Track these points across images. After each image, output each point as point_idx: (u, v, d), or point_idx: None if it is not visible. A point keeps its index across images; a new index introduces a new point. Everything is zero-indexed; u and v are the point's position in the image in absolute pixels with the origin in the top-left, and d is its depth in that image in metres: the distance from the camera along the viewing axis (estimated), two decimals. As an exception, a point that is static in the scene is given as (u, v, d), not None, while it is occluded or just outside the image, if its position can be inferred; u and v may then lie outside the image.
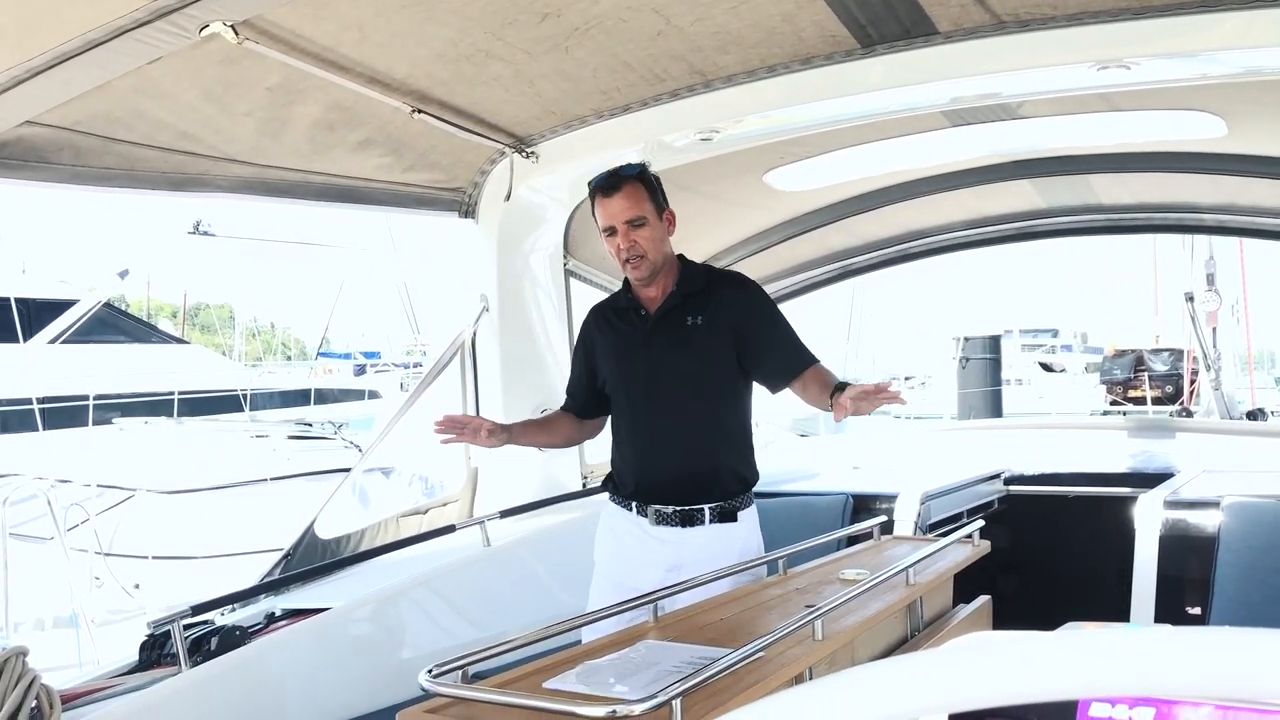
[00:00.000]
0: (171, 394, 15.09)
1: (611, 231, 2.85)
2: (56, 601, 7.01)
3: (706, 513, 2.88)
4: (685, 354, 2.88)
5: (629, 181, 2.84)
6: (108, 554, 8.01)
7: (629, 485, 2.95)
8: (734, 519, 2.92)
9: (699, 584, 2.57)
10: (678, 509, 2.87)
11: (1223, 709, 0.91)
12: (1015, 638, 0.54)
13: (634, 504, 2.92)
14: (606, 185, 2.84)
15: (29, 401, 11.09)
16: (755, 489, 4.69)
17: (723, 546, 2.86)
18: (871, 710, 0.57)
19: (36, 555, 7.09)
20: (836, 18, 2.82)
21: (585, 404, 3.13)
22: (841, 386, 2.75)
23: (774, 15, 2.81)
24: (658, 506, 2.88)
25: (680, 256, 3.00)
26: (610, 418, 3.10)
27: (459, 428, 2.88)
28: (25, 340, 13.10)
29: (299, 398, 18.71)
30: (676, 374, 2.89)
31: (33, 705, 2.17)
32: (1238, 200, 4.72)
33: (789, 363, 2.92)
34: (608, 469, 3.06)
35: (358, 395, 20.50)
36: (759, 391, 3.05)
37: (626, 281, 3.01)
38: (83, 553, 7.63)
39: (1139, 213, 5.10)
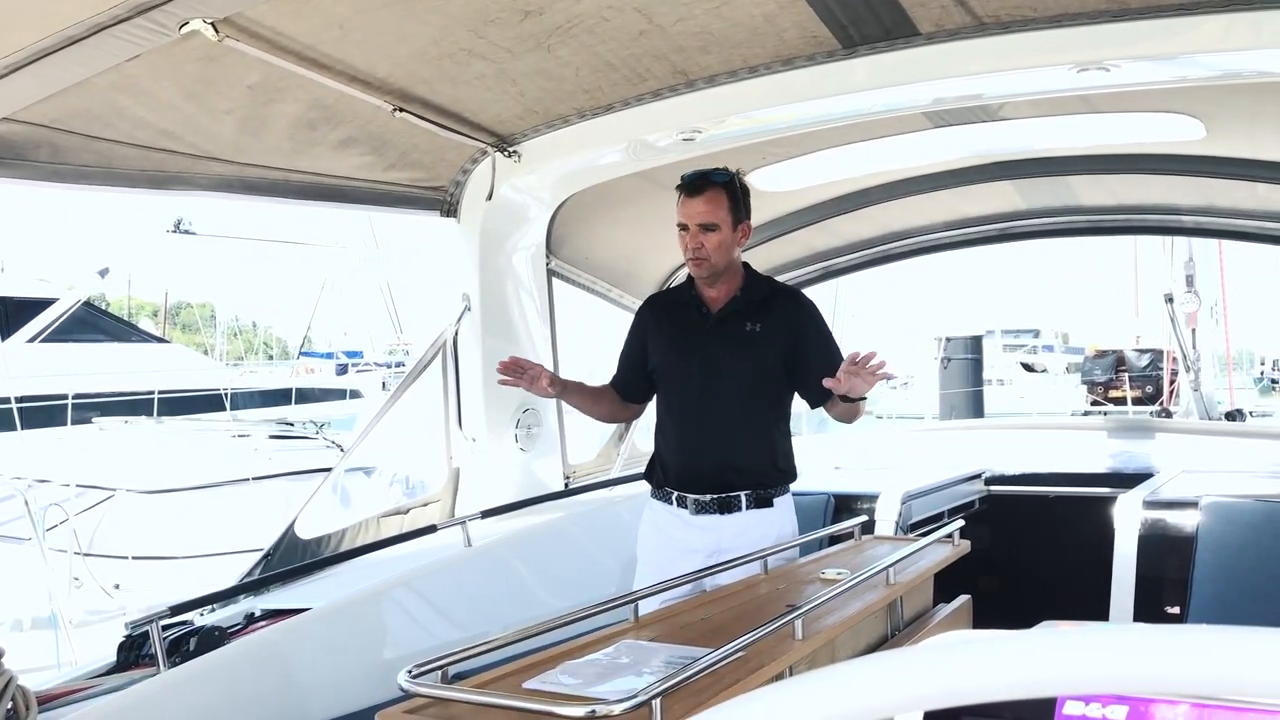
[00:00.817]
0: (151, 393, 15.00)
1: (684, 228, 3.01)
2: (34, 602, 6.96)
3: (743, 499, 3.02)
4: (741, 356, 3.03)
5: (714, 187, 2.99)
6: (87, 554, 7.97)
7: (670, 472, 3.10)
8: (770, 505, 3.05)
9: (734, 564, 2.77)
10: (715, 497, 3.02)
11: (1198, 707, 0.92)
12: (990, 635, 0.54)
13: (674, 495, 3.07)
14: (692, 186, 3.00)
15: (6, 401, 11.00)
16: None
17: (760, 531, 3.00)
18: (848, 707, 0.57)
19: (14, 556, 7.04)
20: (818, 18, 2.83)
21: (630, 386, 3.27)
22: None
23: (756, 15, 2.81)
24: (696, 496, 3.03)
25: (746, 265, 3.16)
26: (657, 406, 3.23)
27: (519, 371, 3.02)
28: (4, 339, 13.00)
29: (280, 397, 18.62)
30: (730, 372, 3.04)
31: (9, 706, 2.15)
32: (1216, 202, 4.76)
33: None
34: (590, 469, 3.09)
35: (339, 395, 20.43)
36: None
37: (691, 278, 3.16)
38: (62, 553, 7.58)
39: (1119, 214, 5.13)
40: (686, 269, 3.13)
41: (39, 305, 15.30)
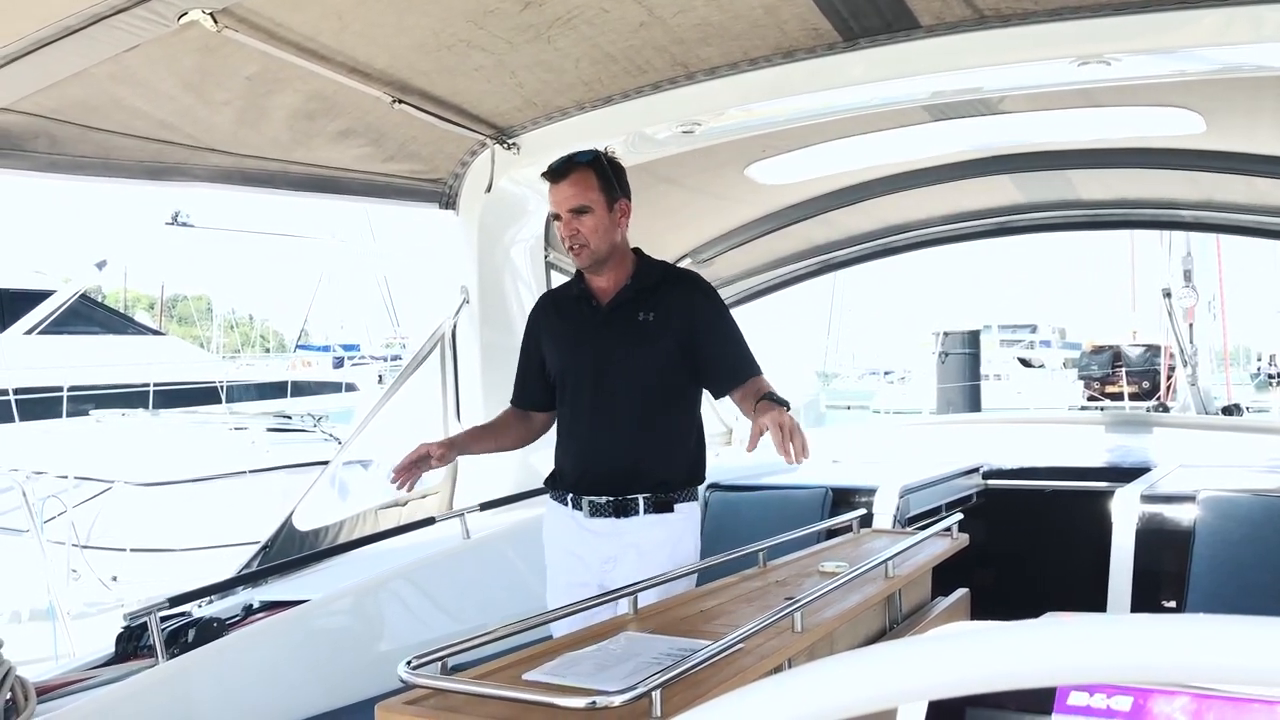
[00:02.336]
0: (146, 386, 14.98)
1: (558, 217, 2.84)
2: (33, 593, 6.96)
3: (641, 502, 2.82)
4: (634, 348, 2.84)
5: (579, 169, 2.81)
6: (85, 546, 7.96)
7: (568, 477, 2.92)
8: (669, 510, 2.84)
9: (661, 581, 2.54)
10: (611, 499, 2.83)
11: (1199, 698, 0.92)
12: (995, 626, 0.54)
13: (569, 497, 2.90)
14: (555, 171, 2.82)
15: (4, 393, 10.98)
16: (735, 481, 4.70)
17: (658, 537, 2.81)
18: (851, 697, 0.57)
19: (13, 547, 7.03)
20: (819, 11, 2.82)
21: (536, 396, 3.06)
22: (769, 397, 2.71)
23: (756, 8, 2.81)
24: (592, 498, 2.84)
25: (636, 250, 2.97)
26: (557, 407, 3.03)
27: (411, 471, 2.87)
28: (1, 331, 12.99)
29: (275, 390, 18.60)
30: (624, 368, 2.85)
31: (7, 697, 2.15)
32: (1215, 197, 4.76)
33: (735, 370, 2.88)
34: None
35: (334, 388, 20.41)
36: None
37: (580, 271, 2.96)
38: (60, 545, 7.57)
39: (1117, 208, 5.13)
40: (575, 260, 2.92)
41: (35, 297, 15.26)
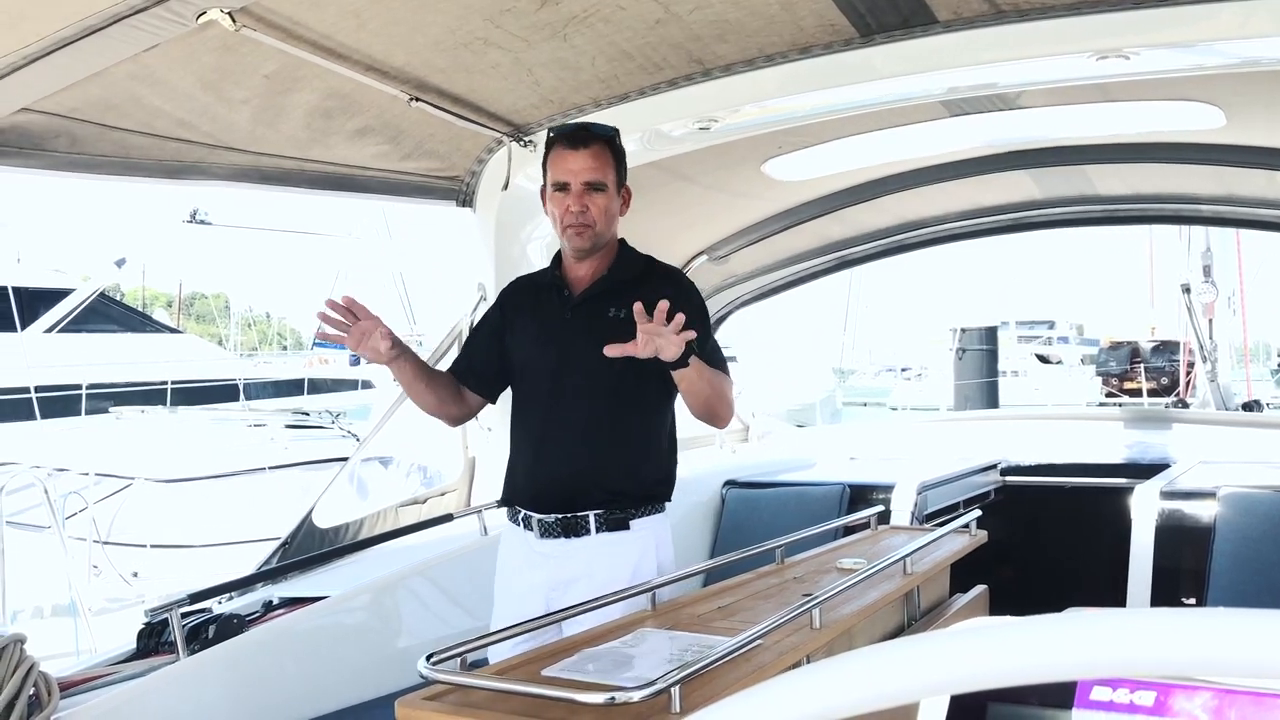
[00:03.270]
0: (164, 383, 15.08)
1: (564, 188, 2.55)
2: (55, 590, 7.01)
3: (592, 520, 2.53)
4: (599, 348, 2.45)
5: (599, 141, 2.58)
6: (106, 542, 8.02)
7: (520, 492, 2.64)
8: (625, 527, 2.56)
9: (591, 608, 2.28)
10: (560, 517, 2.54)
11: (1221, 693, 0.91)
12: (1018, 620, 0.54)
13: (520, 516, 2.63)
14: (574, 137, 2.56)
15: (23, 390, 11.06)
16: (752, 478, 4.70)
17: (609, 562, 2.52)
18: (873, 691, 0.57)
19: (35, 544, 7.08)
20: (835, 7, 2.81)
21: (469, 374, 2.75)
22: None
23: (773, 4, 2.80)
24: (541, 516, 2.56)
25: (622, 241, 2.73)
26: (512, 415, 2.72)
27: (348, 321, 2.52)
28: (21, 329, 13.07)
29: (292, 387, 18.70)
30: (585, 367, 2.53)
31: (31, 692, 2.17)
32: (1236, 191, 4.73)
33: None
34: None
35: (350, 385, 20.49)
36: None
37: (558, 257, 2.72)
38: (81, 541, 7.63)
39: (1136, 203, 5.10)
40: (570, 241, 2.62)
41: (55, 295, 15.38)
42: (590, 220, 2.55)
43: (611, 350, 2.35)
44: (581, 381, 2.56)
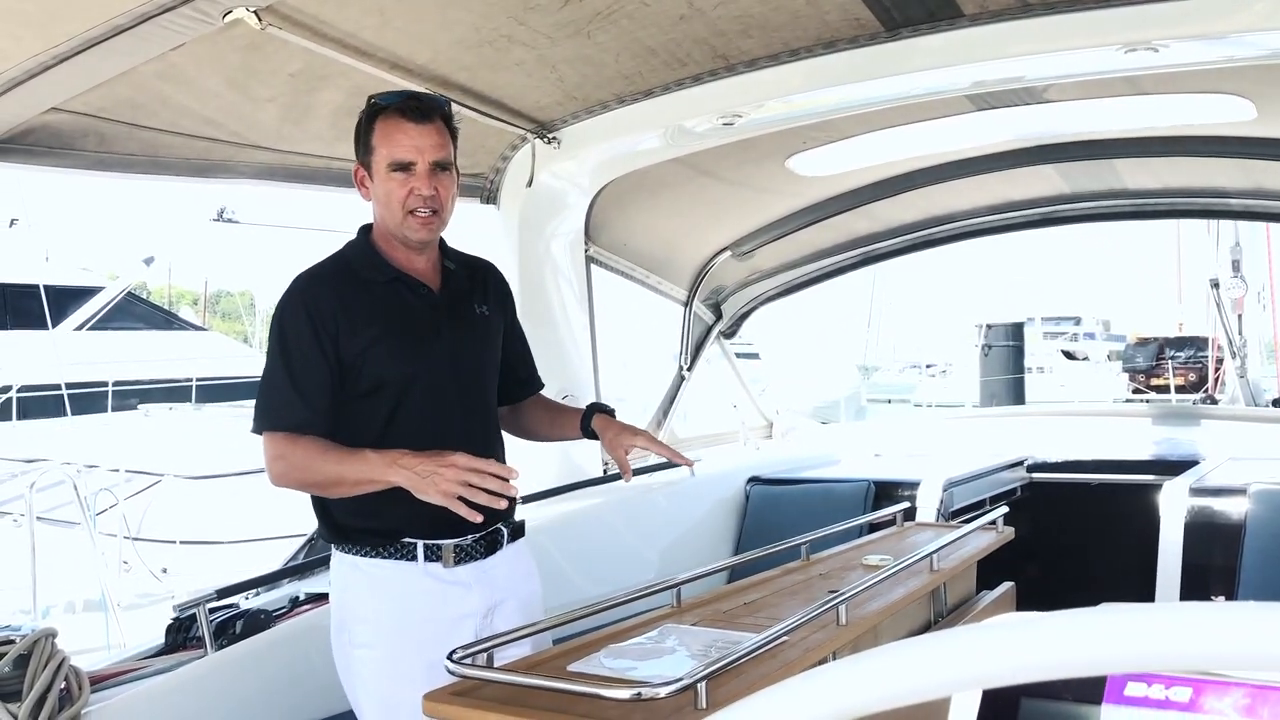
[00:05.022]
0: (189, 380, 15.22)
1: (405, 168, 2.16)
2: (85, 585, 7.09)
3: (504, 532, 2.33)
4: (481, 346, 2.33)
5: (439, 114, 2.22)
6: (136, 538, 8.09)
7: (419, 521, 2.17)
8: (522, 534, 2.42)
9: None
10: (480, 536, 2.26)
11: (1257, 689, 0.91)
12: (1052, 615, 0.54)
13: (420, 547, 2.20)
14: (416, 109, 2.18)
15: (52, 387, 11.18)
16: (776, 475, 4.70)
17: (523, 571, 2.39)
18: (904, 686, 0.56)
19: (66, 540, 7.16)
20: (861, 1, 2.80)
21: (329, 416, 2.20)
22: (601, 409, 2.44)
23: (797, -1, 2.79)
24: (457, 541, 2.22)
25: None
26: (351, 440, 2.18)
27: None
28: (52, 327, 13.22)
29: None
30: (476, 370, 2.30)
31: (62, 686, 2.19)
32: (1265, 184, 4.67)
33: (532, 377, 2.57)
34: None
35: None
36: None
37: (370, 244, 2.29)
38: (111, 537, 7.71)
39: (1165, 198, 5.05)
40: (413, 231, 2.22)
41: (83, 294, 15.54)
42: (439, 204, 2.19)
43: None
44: (473, 387, 2.29)
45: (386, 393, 2.20)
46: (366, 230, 2.32)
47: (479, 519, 2.06)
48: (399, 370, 2.20)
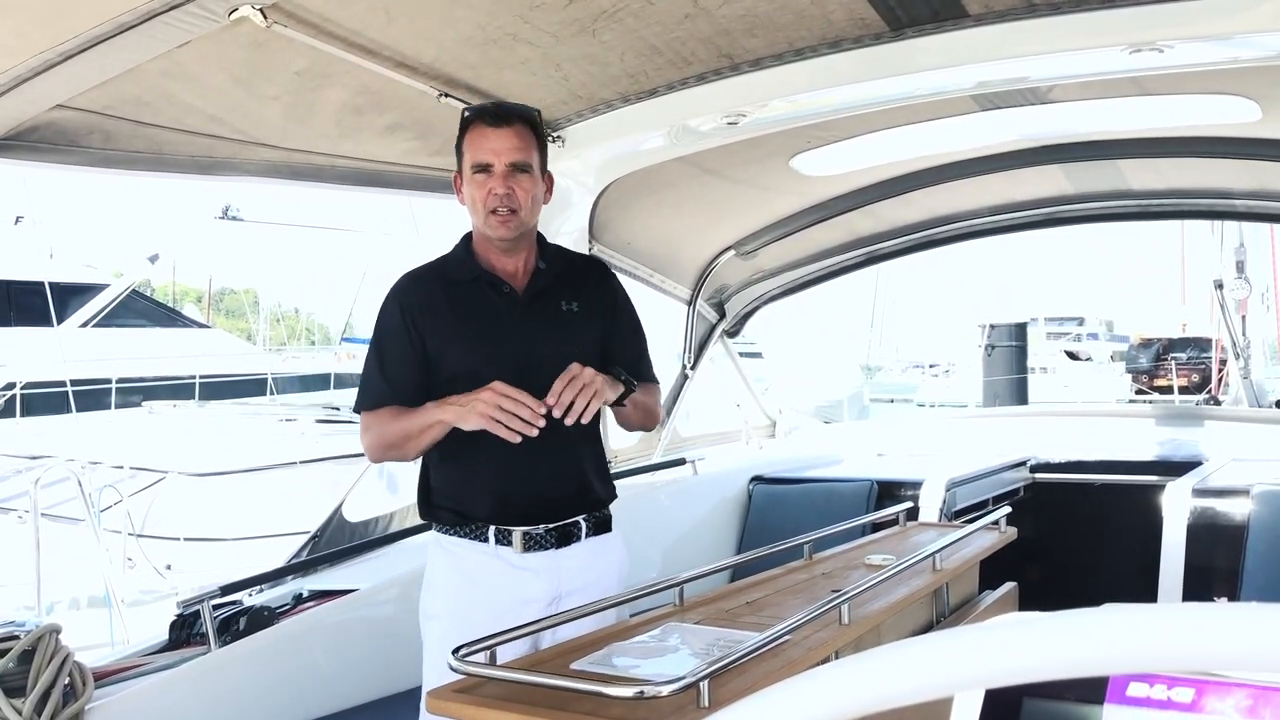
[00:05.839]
0: (192, 378, 15.25)
1: (485, 169, 2.35)
2: (89, 581, 7.10)
3: (583, 525, 2.44)
4: (564, 343, 2.41)
5: (521, 121, 2.40)
6: (140, 535, 8.10)
7: (479, 502, 2.40)
8: (608, 529, 2.53)
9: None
10: (550, 527, 2.39)
11: (1260, 690, 0.91)
12: (1054, 614, 0.54)
13: (491, 530, 2.38)
14: (495, 114, 2.38)
15: (57, 384, 11.20)
16: (779, 474, 4.70)
17: (603, 565, 2.48)
18: (907, 686, 0.57)
19: (70, 536, 7.17)
20: (866, 0, 2.80)
21: (414, 397, 2.39)
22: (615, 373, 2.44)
23: (802, -2, 2.79)
24: (526, 529, 2.37)
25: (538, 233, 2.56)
26: None
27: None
28: (56, 324, 13.25)
29: (318, 382, 18.85)
30: (555, 365, 2.33)
31: (66, 682, 2.20)
32: (1270, 186, 4.67)
33: (641, 375, 2.55)
34: (631, 455, 3.01)
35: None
36: None
37: (467, 247, 2.49)
38: (116, 534, 7.72)
39: (1170, 198, 5.04)
40: (493, 229, 2.39)
41: (87, 291, 15.57)
42: (516, 204, 2.34)
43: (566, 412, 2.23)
44: (550, 378, 2.31)
45: (460, 382, 2.34)
46: (468, 236, 2.52)
47: (516, 439, 2.21)
48: (471, 362, 2.37)
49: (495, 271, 2.44)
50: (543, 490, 2.40)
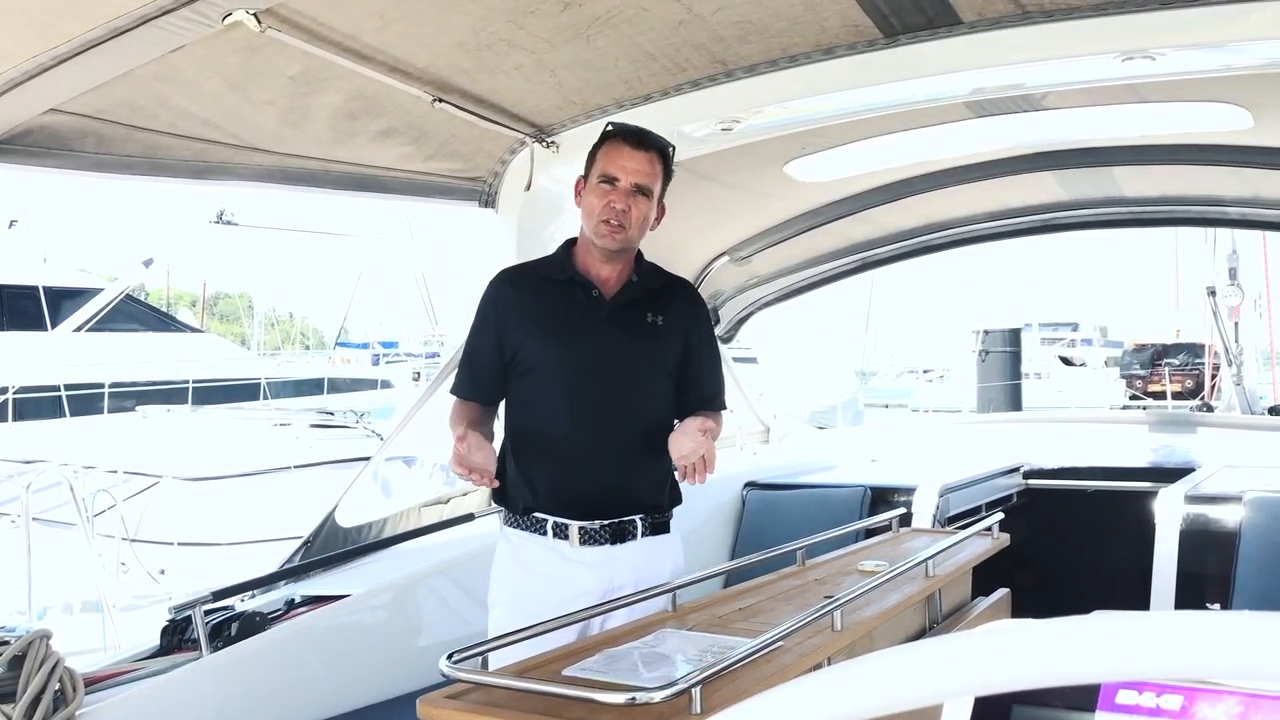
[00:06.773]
0: (186, 382, 15.23)
1: (612, 181, 2.49)
2: (81, 586, 7.08)
3: (639, 525, 2.53)
4: (643, 351, 2.56)
5: (657, 149, 2.55)
6: (133, 540, 8.08)
7: (541, 494, 2.52)
8: (666, 530, 2.61)
9: (612, 608, 2.32)
10: (606, 524, 2.50)
11: (1249, 698, 0.91)
12: (1044, 622, 0.54)
13: (549, 524, 2.51)
14: (636, 136, 2.53)
15: (50, 388, 11.17)
16: (773, 480, 4.70)
17: (656, 565, 2.55)
18: (897, 693, 0.57)
19: (63, 540, 7.15)
20: (859, 7, 2.81)
21: (495, 391, 2.62)
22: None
23: (796, 4, 2.80)
24: (582, 524, 2.49)
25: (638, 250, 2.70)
26: (514, 410, 2.61)
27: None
28: (50, 328, 13.22)
29: (312, 386, 18.84)
30: (629, 370, 2.53)
31: (56, 688, 2.19)
32: (1262, 193, 4.68)
33: (713, 398, 2.68)
34: None
35: (370, 384, 20.61)
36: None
37: (568, 251, 2.64)
38: (109, 538, 7.70)
39: (1162, 205, 5.06)
40: (600, 237, 2.53)
41: (81, 295, 15.54)
42: (628, 222, 2.49)
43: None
44: (621, 385, 2.53)
45: (535, 375, 2.53)
46: (570, 241, 2.68)
47: (485, 485, 2.44)
48: (545, 357, 2.53)
49: (589, 276, 2.57)
50: (601, 488, 2.51)
